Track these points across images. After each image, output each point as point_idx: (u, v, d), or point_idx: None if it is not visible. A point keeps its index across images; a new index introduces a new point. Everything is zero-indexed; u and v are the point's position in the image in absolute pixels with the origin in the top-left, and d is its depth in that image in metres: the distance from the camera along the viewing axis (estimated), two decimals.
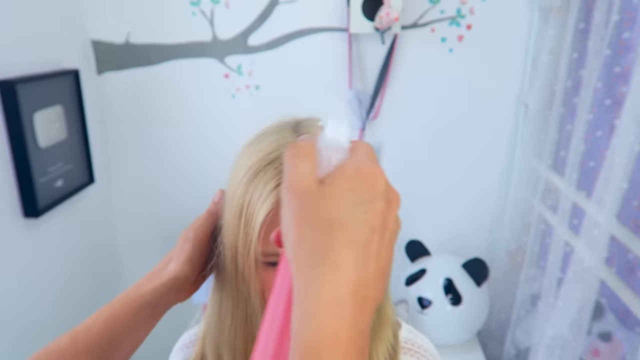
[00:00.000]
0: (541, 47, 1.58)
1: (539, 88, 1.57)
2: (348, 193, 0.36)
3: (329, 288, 0.34)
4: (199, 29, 1.65)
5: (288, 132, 0.60)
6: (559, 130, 1.50)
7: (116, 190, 1.80)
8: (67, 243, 1.53)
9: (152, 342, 1.97)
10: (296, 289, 0.36)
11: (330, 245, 0.35)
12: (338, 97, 0.40)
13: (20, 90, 1.25)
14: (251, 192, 0.55)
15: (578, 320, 1.19)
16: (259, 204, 0.54)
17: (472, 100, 1.72)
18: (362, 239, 0.35)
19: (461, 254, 1.74)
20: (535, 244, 1.58)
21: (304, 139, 0.42)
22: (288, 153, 0.39)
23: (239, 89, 1.71)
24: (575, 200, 1.32)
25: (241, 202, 0.56)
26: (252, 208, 0.54)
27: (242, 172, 0.57)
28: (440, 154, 1.78)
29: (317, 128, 0.56)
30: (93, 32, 1.64)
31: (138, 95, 1.71)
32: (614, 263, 1.27)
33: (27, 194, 1.31)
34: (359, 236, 0.35)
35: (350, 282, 0.34)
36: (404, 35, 1.65)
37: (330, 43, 1.67)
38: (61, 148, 1.44)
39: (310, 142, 0.40)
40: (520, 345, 1.64)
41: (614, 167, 1.04)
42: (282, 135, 0.59)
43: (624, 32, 1.24)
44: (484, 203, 1.83)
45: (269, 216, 0.53)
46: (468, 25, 1.64)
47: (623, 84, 1.26)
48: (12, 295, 1.29)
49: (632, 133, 0.99)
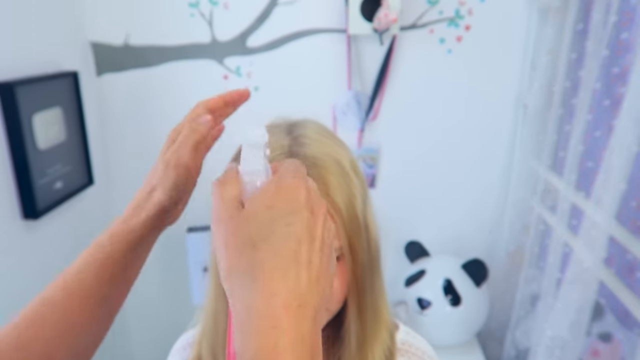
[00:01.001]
0: (540, 47, 1.58)
1: (538, 89, 1.57)
2: (267, 210, 0.37)
3: (262, 303, 0.35)
4: (197, 30, 1.65)
5: (282, 135, 0.60)
6: (558, 130, 1.50)
7: (115, 192, 1.80)
8: (66, 245, 1.53)
9: (152, 342, 1.96)
10: (234, 312, 0.37)
11: (257, 263, 0.36)
12: (254, 122, 0.40)
13: (19, 92, 1.25)
14: None
15: (577, 321, 1.19)
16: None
17: (471, 101, 1.72)
18: (288, 251, 0.37)
19: (461, 255, 1.74)
20: (534, 244, 1.58)
21: (228, 169, 0.44)
22: (213, 184, 0.41)
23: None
24: (574, 201, 1.32)
25: None
26: None
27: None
28: (440, 155, 1.78)
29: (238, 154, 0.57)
30: (92, 33, 1.64)
31: (137, 96, 1.71)
32: (613, 264, 1.26)
33: (26, 195, 1.31)
34: (284, 249, 0.37)
35: (281, 293, 0.35)
36: (403, 37, 1.65)
37: (329, 44, 1.67)
38: (60, 150, 1.44)
39: (233, 170, 0.42)
40: (520, 346, 1.64)
41: (612, 168, 1.04)
42: (275, 138, 0.59)
43: (622, 32, 1.24)
44: (483, 204, 1.83)
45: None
46: (467, 26, 1.65)
47: (621, 85, 1.26)
48: (11, 297, 1.29)
49: (630, 133, 0.99)
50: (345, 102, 1.71)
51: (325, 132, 0.62)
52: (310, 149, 0.57)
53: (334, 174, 0.56)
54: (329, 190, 0.55)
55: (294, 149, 0.57)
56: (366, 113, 1.71)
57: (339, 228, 0.56)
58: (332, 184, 0.55)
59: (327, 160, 0.57)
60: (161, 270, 1.90)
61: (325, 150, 0.58)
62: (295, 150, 0.57)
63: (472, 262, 1.63)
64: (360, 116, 1.71)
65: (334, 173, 0.56)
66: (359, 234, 0.58)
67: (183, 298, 1.86)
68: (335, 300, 0.59)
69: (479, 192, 1.82)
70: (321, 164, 0.56)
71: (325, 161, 0.56)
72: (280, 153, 0.57)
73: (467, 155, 1.78)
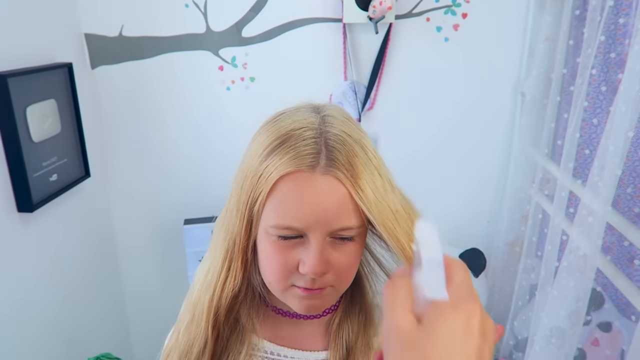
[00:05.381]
0: (538, 34, 1.56)
1: (536, 76, 1.55)
2: (445, 334, 0.38)
3: None
4: (192, 21, 1.64)
5: (310, 113, 0.60)
6: (556, 118, 1.48)
7: (111, 184, 1.80)
8: (62, 237, 1.52)
9: (150, 332, 1.96)
10: None
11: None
12: (426, 222, 0.42)
13: (12, 84, 1.24)
14: (266, 165, 0.56)
15: (575, 309, 1.18)
16: (272, 175, 0.56)
17: (468, 90, 1.71)
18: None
19: (459, 245, 1.73)
20: (533, 234, 1.57)
21: (398, 273, 0.45)
22: (385, 291, 0.43)
23: (233, 81, 1.70)
24: (571, 189, 1.31)
25: (254, 173, 0.58)
26: (264, 178, 0.56)
27: (261, 147, 0.58)
28: (437, 144, 1.77)
29: (410, 251, 0.57)
30: (86, 25, 1.63)
31: (132, 88, 1.70)
32: (610, 251, 1.25)
33: (21, 188, 1.30)
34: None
35: None
36: (399, 25, 1.64)
37: (324, 33, 1.65)
38: (55, 142, 1.44)
39: (405, 277, 0.43)
40: (519, 335, 1.64)
41: (608, 154, 1.03)
42: (304, 116, 0.59)
43: (619, 17, 1.22)
44: (481, 193, 1.82)
45: (277, 186, 0.56)
46: (464, 13, 1.63)
47: (619, 71, 1.24)
48: (7, 290, 1.29)
49: (626, 118, 0.98)
50: (341, 92, 1.69)
51: (349, 117, 0.63)
52: (338, 129, 0.58)
53: (359, 156, 0.57)
54: (355, 172, 0.56)
55: (322, 128, 0.58)
56: (363, 103, 1.70)
57: (360, 209, 0.56)
58: (358, 167, 0.56)
59: (354, 144, 0.57)
60: (159, 261, 1.90)
61: (351, 134, 0.58)
62: (325, 129, 0.57)
63: (470, 251, 1.62)
64: (357, 106, 1.70)
65: (359, 155, 0.57)
66: (387, 215, 0.57)
67: (180, 289, 1.86)
68: (344, 279, 0.61)
69: (477, 181, 1.81)
70: (349, 147, 0.57)
71: (353, 145, 0.57)
72: (310, 129, 0.57)
73: (465, 144, 1.77)
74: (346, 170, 0.55)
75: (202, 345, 0.65)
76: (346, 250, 0.58)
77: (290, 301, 0.61)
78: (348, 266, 0.59)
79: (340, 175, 0.55)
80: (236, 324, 0.67)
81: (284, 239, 0.57)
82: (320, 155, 0.55)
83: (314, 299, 0.60)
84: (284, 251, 0.57)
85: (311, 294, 0.59)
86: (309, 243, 0.56)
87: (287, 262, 0.57)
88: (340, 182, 0.55)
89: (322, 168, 0.55)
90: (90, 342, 1.68)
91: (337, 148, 0.56)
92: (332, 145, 0.56)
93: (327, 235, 0.56)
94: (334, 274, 0.58)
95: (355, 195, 0.55)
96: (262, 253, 0.60)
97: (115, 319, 1.90)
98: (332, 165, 0.55)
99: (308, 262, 0.56)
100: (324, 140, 0.56)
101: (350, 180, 0.55)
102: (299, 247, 0.57)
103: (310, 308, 0.61)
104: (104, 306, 1.79)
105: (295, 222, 0.55)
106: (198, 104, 1.73)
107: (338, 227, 0.56)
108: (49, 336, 1.46)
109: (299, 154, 0.55)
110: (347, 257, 0.58)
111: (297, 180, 0.55)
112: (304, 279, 0.58)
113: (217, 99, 1.72)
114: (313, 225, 0.55)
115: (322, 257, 0.56)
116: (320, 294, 0.59)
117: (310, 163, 0.55)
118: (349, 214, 0.56)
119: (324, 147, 0.56)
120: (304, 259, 0.57)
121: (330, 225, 0.55)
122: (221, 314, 0.64)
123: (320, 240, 0.56)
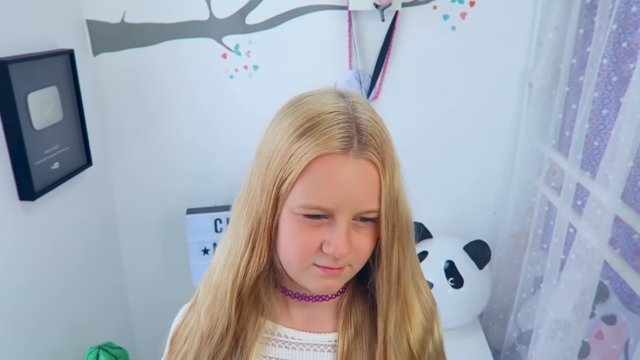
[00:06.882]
0: (546, 23, 1.53)
1: (544, 66, 1.53)
2: None
3: None
4: (195, 7, 1.61)
5: (337, 98, 0.61)
6: (564, 109, 1.46)
7: (114, 172, 1.79)
8: (64, 226, 1.52)
9: (152, 321, 1.96)
10: None
11: None
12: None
13: (13, 70, 1.22)
14: (298, 145, 0.57)
15: (581, 302, 1.17)
16: (305, 156, 0.56)
17: (475, 79, 1.69)
18: None
19: (464, 237, 1.71)
20: (538, 226, 1.55)
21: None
22: None
23: (237, 69, 1.68)
24: (579, 181, 1.29)
25: (284, 153, 0.58)
26: (296, 158, 0.57)
27: (291, 128, 0.59)
28: (443, 134, 1.75)
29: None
30: (88, 11, 1.61)
31: (134, 75, 1.68)
32: (617, 244, 1.24)
33: (22, 176, 1.29)
34: None
35: None
36: (405, 13, 1.61)
37: (329, 21, 1.63)
38: (57, 130, 1.42)
39: None
40: (523, 328, 1.63)
41: (619, 145, 1.01)
42: (331, 100, 0.60)
43: (632, 6, 1.19)
44: (487, 184, 1.80)
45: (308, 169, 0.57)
46: (471, 2, 1.60)
47: (631, 61, 1.22)
48: (9, 278, 1.28)
49: (638, 110, 0.96)
50: (346, 81, 1.67)
51: (370, 105, 0.64)
52: (367, 116, 0.60)
53: (387, 144, 0.60)
54: (384, 158, 0.59)
55: (353, 113, 0.59)
56: (368, 92, 1.67)
57: (380, 195, 0.59)
58: (386, 154, 0.59)
59: (382, 132, 0.60)
60: (161, 251, 1.90)
61: (377, 122, 0.61)
62: (356, 115, 0.59)
63: (474, 243, 1.61)
64: (362, 95, 1.68)
65: (387, 142, 0.60)
66: (393, 205, 0.61)
67: (183, 278, 1.85)
68: (361, 260, 0.63)
69: (483, 172, 1.79)
70: (379, 134, 0.59)
71: (381, 132, 0.60)
72: (341, 114, 0.59)
73: (471, 134, 1.75)
74: (378, 154, 0.58)
75: (225, 326, 0.66)
76: (366, 232, 0.61)
77: (307, 280, 0.63)
78: (366, 247, 0.62)
79: (374, 158, 0.58)
80: (256, 304, 0.68)
81: (311, 217, 0.58)
82: (353, 139, 0.57)
83: (333, 279, 0.62)
84: (309, 231, 0.59)
85: (332, 273, 0.61)
86: (334, 224, 0.58)
87: (310, 242, 0.59)
88: (373, 165, 0.58)
89: (354, 152, 0.57)
90: (92, 331, 1.68)
91: (370, 132, 0.58)
92: (365, 129, 0.58)
93: (352, 217, 0.59)
94: (354, 254, 0.61)
95: (382, 180, 0.58)
96: (285, 232, 0.61)
97: (117, 307, 1.89)
98: (365, 149, 0.57)
99: (334, 243, 0.58)
100: (356, 126, 0.58)
101: (381, 165, 0.58)
102: (324, 227, 0.59)
103: (328, 287, 0.63)
104: (106, 295, 1.79)
105: (325, 202, 0.57)
106: (201, 92, 1.71)
107: (365, 209, 0.59)
108: (50, 325, 1.45)
109: (333, 137, 0.57)
110: (366, 239, 0.61)
111: (330, 162, 0.57)
112: (326, 258, 0.60)
113: (220, 87, 1.70)
114: (341, 206, 0.58)
115: (347, 238, 0.58)
116: (340, 273, 0.62)
117: (344, 146, 0.57)
118: (375, 197, 0.59)
119: (356, 131, 0.58)
120: (328, 239, 0.59)
121: (357, 207, 0.58)
122: (245, 294, 0.65)
123: (346, 221, 0.58)
